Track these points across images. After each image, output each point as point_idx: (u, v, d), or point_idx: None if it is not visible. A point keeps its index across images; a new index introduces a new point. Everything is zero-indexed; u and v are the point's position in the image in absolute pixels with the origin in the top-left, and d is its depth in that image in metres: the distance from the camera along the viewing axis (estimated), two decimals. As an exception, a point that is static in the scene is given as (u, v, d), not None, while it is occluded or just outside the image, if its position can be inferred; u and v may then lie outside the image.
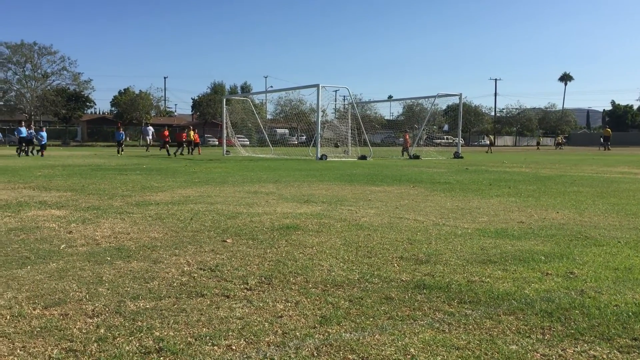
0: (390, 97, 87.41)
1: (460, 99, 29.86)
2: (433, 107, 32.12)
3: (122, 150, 26.66)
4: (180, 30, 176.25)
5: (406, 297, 2.98)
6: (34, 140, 25.24)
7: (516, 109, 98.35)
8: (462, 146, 32.19)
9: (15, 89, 62.68)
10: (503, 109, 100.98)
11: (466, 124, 75.56)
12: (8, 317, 2.60)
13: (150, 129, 31.55)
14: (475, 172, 14.17)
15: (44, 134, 25.19)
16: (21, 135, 23.96)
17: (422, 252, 4.12)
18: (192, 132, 27.66)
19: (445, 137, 58.15)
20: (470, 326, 2.55)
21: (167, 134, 27.17)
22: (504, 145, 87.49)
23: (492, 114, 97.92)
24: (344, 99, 54.58)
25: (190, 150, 27.63)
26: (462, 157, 26.20)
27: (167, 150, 26.03)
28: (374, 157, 24.90)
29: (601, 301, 2.91)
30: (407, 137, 29.65)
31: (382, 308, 2.79)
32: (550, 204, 7.22)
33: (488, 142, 44.91)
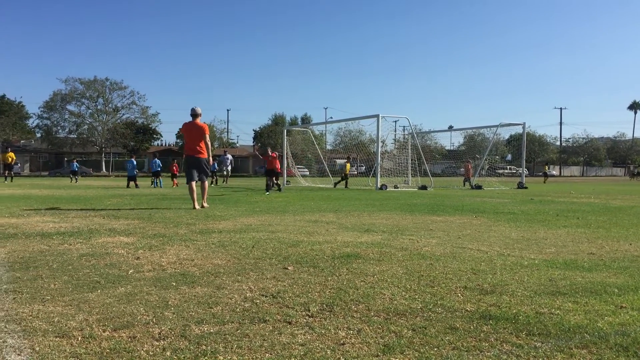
0: (450, 127, 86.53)
1: (523, 128, 29.25)
2: (495, 136, 31.55)
3: (215, 182, 27.02)
4: (243, 63, 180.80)
5: (471, 327, 2.90)
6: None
7: (583, 138, 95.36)
8: (526, 176, 31.39)
9: (87, 122, 65.87)
10: (569, 138, 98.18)
11: (530, 153, 73.75)
12: (80, 338, 2.69)
13: (229, 158, 29.20)
14: (541, 203, 13.76)
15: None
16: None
17: (486, 282, 4.01)
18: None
19: (508, 167, 56.89)
20: (540, 359, 2.45)
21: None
22: (571, 176, 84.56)
23: (557, 143, 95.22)
24: (404, 129, 54.40)
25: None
26: (526, 188, 25.55)
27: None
28: (435, 188, 24.60)
29: (682, 336, 2.74)
30: (469, 167, 29.18)
31: (447, 338, 2.72)
32: (622, 235, 6.91)
33: (544, 172, 43.82)
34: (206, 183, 11.22)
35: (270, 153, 19.81)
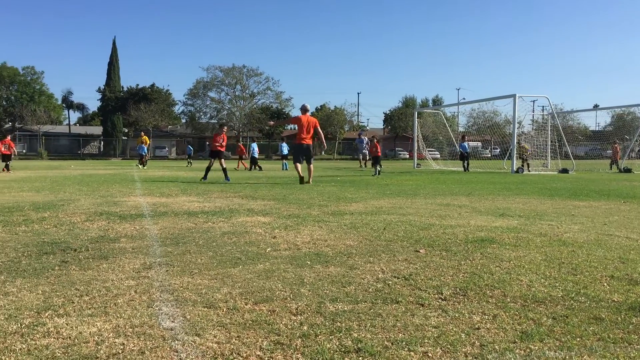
0: (596, 105, 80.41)
1: (682, 105, 26.47)
2: (648, 115, 28.87)
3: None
4: (374, 45, 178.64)
5: (618, 318, 2.72)
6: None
7: None
8: (684, 158, 28.46)
9: (227, 108, 69.44)
10: None
11: (690, 133, 66.65)
12: (225, 309, 2.89)
13: (365, 140, 27.70)
14: (702, 188, 12.43)
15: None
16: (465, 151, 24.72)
17: (636, 272, 3.72)
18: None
19: (663, 148, 51.83)
20: (700, 357, 2.25)
21: None
22: None
23: None
24: (543, 109, 51.46)
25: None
26: (684, 171, 23.21)
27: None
28: (577, 171, 23.11)
29: None
30: (617, 148, 27.02)
31: (591, 328, 2.58)
32: None
33: None
34: (312, 165, 13.47)
35: (220, 131, 15.86)
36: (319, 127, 13.61)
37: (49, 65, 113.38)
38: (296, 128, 13.83)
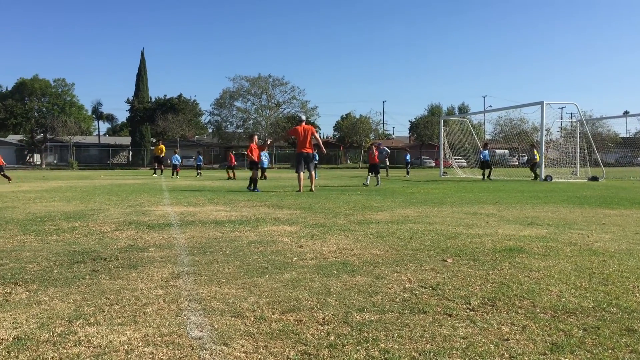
0: (626, 112, 78.99)
1: None
2: (681, 121, 28.25)
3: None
4: (399, 54, 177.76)
5: (652, 330, 2.66)
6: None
7: None
8: None
9: (252, 117, 69.82)
10: None
11: None
12: (252, 319, 2.90)
13: (386, 149, 27.08)
14: None
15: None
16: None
17: (670, 282, 3.64)
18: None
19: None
20: None
21: None
22: None
23: None
24: (572, 116, 50.70)
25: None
26: None
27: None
28: (607, 179, 22.70)
29: None
30: (648, 155, 26.45)
31: (623, 340, 2.53)
32: None
33: None
34: (314, 172, 14.10)
35: (252, 142, 15.43)
36: (316, 134, 14.31)
37: (80, 77, 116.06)
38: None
